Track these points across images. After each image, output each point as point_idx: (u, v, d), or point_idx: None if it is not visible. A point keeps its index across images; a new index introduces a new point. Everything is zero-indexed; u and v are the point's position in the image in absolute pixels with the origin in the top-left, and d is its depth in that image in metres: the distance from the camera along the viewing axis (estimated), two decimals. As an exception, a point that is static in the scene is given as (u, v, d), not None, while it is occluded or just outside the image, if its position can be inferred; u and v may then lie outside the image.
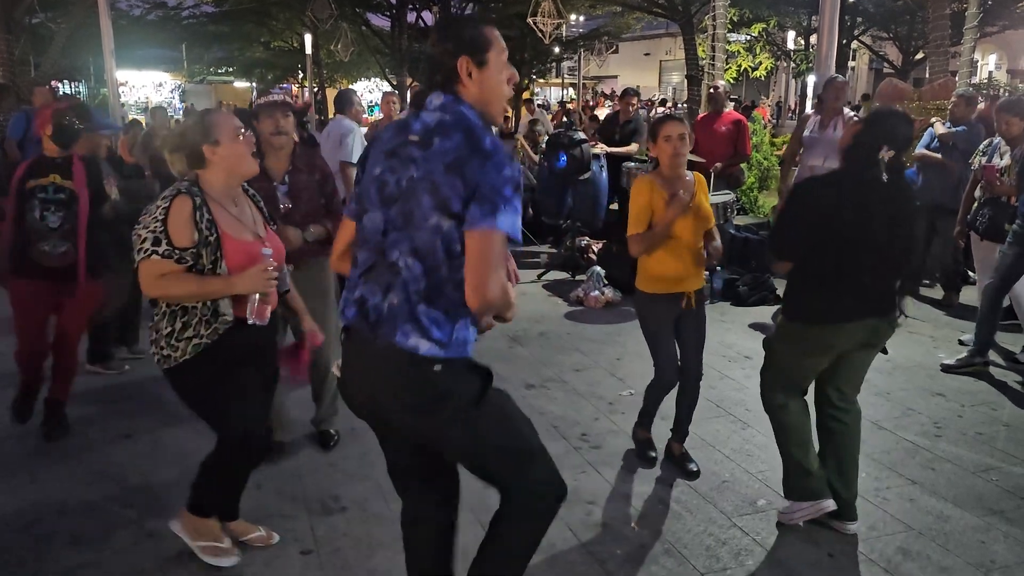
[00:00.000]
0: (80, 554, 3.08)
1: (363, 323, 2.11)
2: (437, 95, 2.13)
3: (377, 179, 2.13)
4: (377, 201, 2.12)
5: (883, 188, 3.02)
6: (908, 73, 22.32)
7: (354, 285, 2.17)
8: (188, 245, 2.65)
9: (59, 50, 13.70)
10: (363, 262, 2.15)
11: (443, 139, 2.04)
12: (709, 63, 11.21)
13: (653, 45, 37.99)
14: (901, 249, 3.08)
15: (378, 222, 2.11)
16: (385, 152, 2.13)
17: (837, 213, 2.99)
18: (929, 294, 7.27)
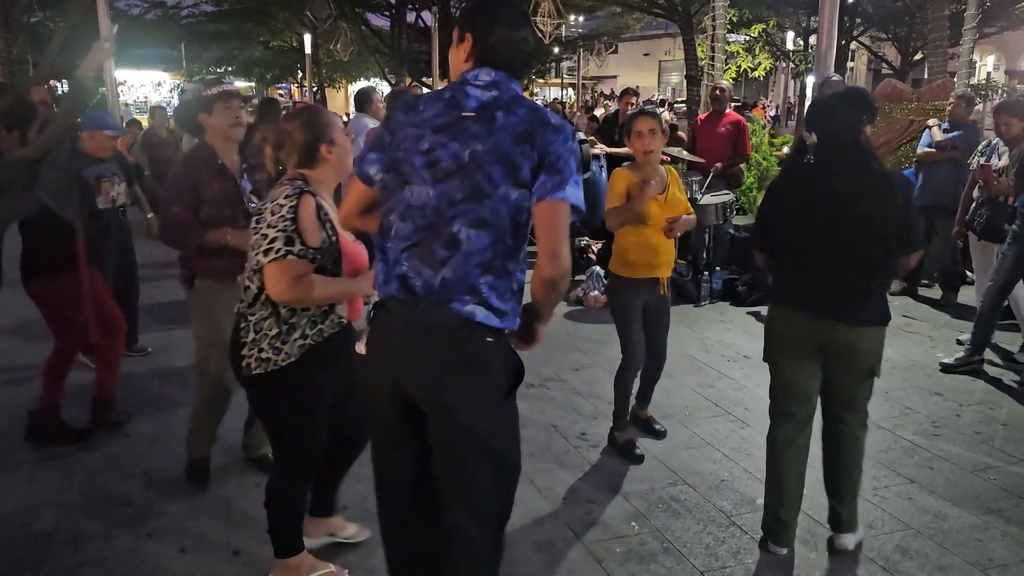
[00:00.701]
0: (80, 553, 3.09)
1: (409, 296, 2.06)
2: (487, 71, 2.10)
3: (426, 153, 2.06)
4: (429, 176, 2.06)
5: (822, 176, 2.90)
6: (907, 74, 22.33)
7: (394, 259, 2.09)
8: (319, 245, 2.56)
9: (57, 49, 13.71)
10: (406, 235, 2.08)
11: (507, 113, 2.04)
12: (708, 63, 11.22)
13: (652, 45, 38.00)
14: (854, 238, 2.85)
15: (430, 196, 2.05)
16: (434, 127, 2.07)
17: (780, 204, 3.06)
18: (927, 294, 7.28)
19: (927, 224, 7.01)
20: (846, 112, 2.88)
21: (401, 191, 2.10)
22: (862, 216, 2.84)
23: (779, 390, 3.17)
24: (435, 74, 17.99)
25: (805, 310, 2.99)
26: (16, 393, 4.68)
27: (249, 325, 2.63)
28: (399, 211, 2.10)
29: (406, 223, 2.08)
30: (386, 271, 2.11)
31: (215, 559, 3.06)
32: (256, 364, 2.61)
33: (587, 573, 3.01)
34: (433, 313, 2.03)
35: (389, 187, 2.14)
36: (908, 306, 6.95)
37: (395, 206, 2.12)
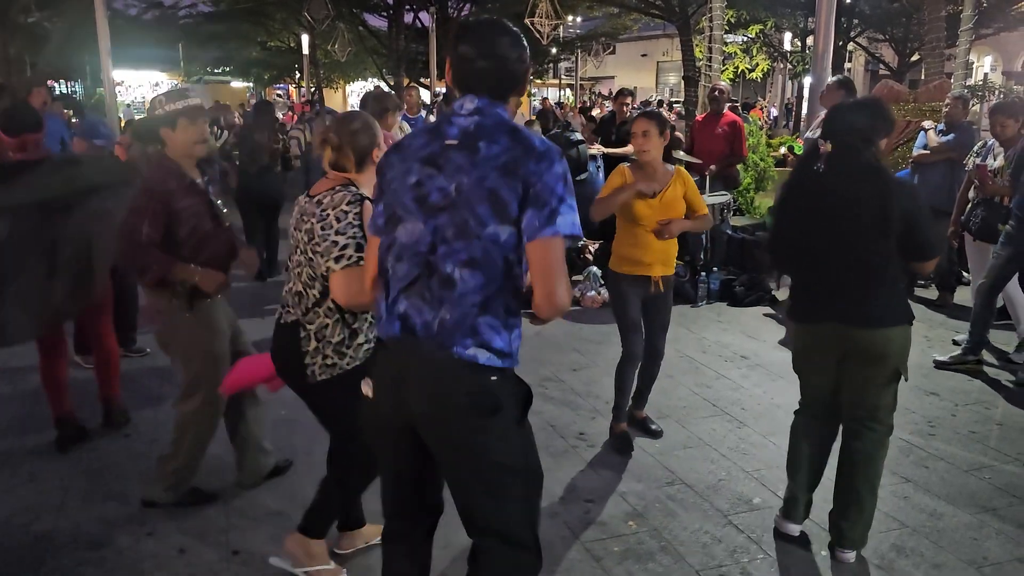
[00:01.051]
0: (79, 553, 3.10)
1: (409, 336, 2.03)
2: (471, 99, 2.07)
3: (414, 187, 2.05)
4: (417, 211, 2.03)
5: (831, 182, 2.90)
6: (904, 75, 22.39)
7: (393, 299, 2.06)
8: None
9: (55, 49, 13.75)
10: (403, 275, 2.04)
11: (489, 142, 2.00)
12: (706, 64, 11.25)
13: (650, 46, 38.06)
14: (865, 249, 2.86)
15: (421, 233, 2.02)
16: (421, 159, 2.06)
17: (789, 213, 3.09)
18: (924, 294, 7.31)
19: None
20: (859, 120, 2.91)
21: (395, 230, 2.07)
22: (865, 219, 2.84)
23: (803, 391, 3.26)
24: (433, 75, 18.02)
25: (826, 319, 3.00)
26: (15, 392, 4.69)
27: (309, 333, 2.68)
28: (395, 251, 2.07)
29: (402, 262, 2.05)
30: (387, 310, 2.08)
31: (214, 559, 3.07)
32: (321, 371, 2.68)
33: (585, 572, 3.02)
34: (436, 357, 1.99)
35: (385, 228, 2.12)
36: (904, 306, 6.97)
37: (388, 247, 2.09)
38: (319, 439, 4.02)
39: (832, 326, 2.99)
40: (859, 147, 2.89)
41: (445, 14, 21.22)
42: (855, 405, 3.09)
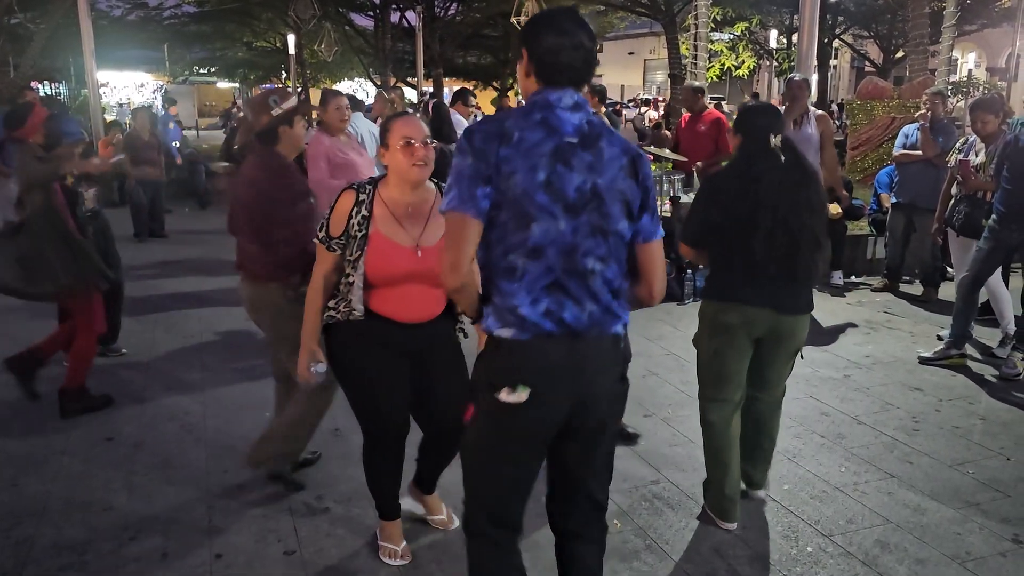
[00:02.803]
0: (61, 557, 3.07)
1: (562, 330, 2.07)
2: (569, 94, 2.10)
3: (544, 186, 2.02)
4: (554, 209, 2.03)
5: (781, 171, 3.13)
6: (889, 71, 22.51)
7: (532, 299, 2.05)
8: (337, 235, 2.76)
9: (38, 50, 13.63)
10: (539, 273, 2.04)
11: (608, 143, 2.11)
12: (692, 62, 11.27)
13: (637, 44, 38.12)
14: (801, 221, 3.11)
15: (561, 232, 2.04)
16: (548, 155, 2.03)
17: (731, 202, 3.16)
18: (908, 290, 7.35)
19: (906, 221, 7.08)
20: (774, 119, 3.28)
21: (526, 230, 2.03)
22: (807, 198, 3.15)
23: (718, 379, 3.32)
24: (419, 74, 17.99)
25: (763, 305, 3.18)
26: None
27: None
28: (524, 250, 2.03)
29: (538, 261, 2.04)
30: (523, 312, 2.05)
31: (197, 562, 3.05)
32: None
33: (570, 571, 3.01)
34: (595, 343, 2.12)
35: (501, 225, 2.04)
36: (889, 302, 7.01)
37: (516, 245, 2.04)
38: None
39: (762, 311, 3.18)
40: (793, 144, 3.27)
41: (432, 13, 21.20)
42: (766, 380, 3.39)
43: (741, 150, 3.28)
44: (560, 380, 2.10)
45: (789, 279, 3.16)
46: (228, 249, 3.74)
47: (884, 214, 7.79)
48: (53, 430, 4.20)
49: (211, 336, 5.78)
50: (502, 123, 2.06)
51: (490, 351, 2.12)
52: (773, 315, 3.18)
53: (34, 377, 4.55)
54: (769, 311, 3.18)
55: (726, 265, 3.26)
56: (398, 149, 2.72)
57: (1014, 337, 5.28)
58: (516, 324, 2.06)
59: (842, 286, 7.48)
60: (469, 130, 2.09)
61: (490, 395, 2.09)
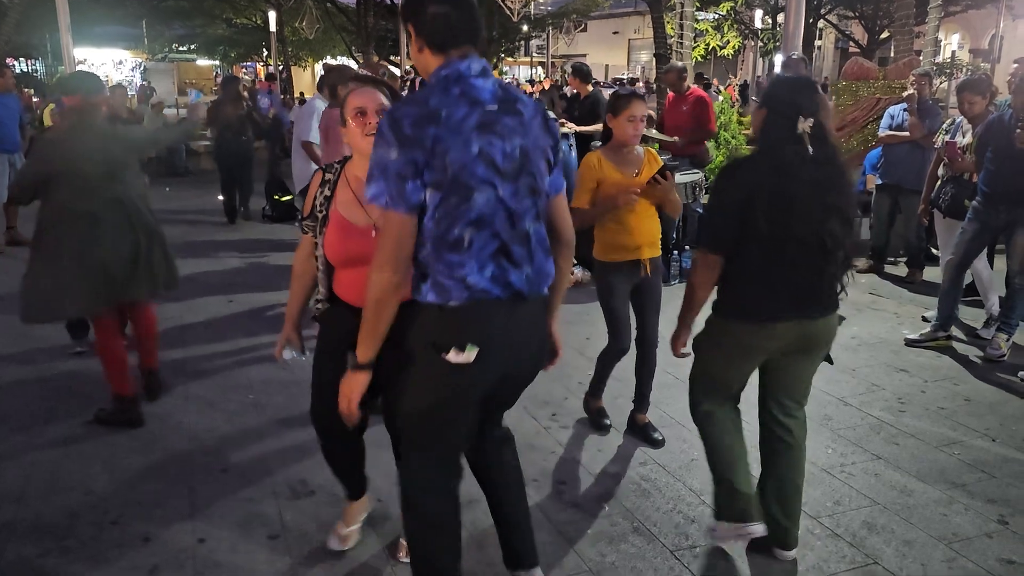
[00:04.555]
0: (41, 542, 3.02)
1: (508, 293, 2.15)
2: (476, 60, 2.13)
3: (479, 157, 2.06)
4: (491, 178, 2.08)
5: (811, 166, 2.59)
6: (873, 52, 22.50)
7: (479, 266, 2.10)
8: (306, 216, 2.74)
9: (13, 26, 13.33)
10: (484, 242, 2.09)
11: (522, 104, 2.18)
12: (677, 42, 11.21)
13: (622, 23, 37.96)
14: (834, 235, 2.63)
15: (499, 198, 2.10)
16: (474, 128, 2.05)
17: (758, 200, 2.60)
18: (893, 271, 7.37)
19: (891, 203, 7.08)
20: (807, 97, 2.65)
21: (468, 202, 2.06)
22: (839, 206, 2.65)
23: (722, 388, 2.94)
24: (403, 53, 17.82)
25: (791, 318, 2.72)
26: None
27: None
28: (466, 220, 2.07)
29: (482, 231, 2.09)
30: (471, 280, 2.10)
31: (180, 546, 3.01)
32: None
33: (558, 554, 3.00)
34: (532, 303, 2.23)
35: (444, 201, 2.05)
36: (874, 283, 7.03)
37: (459, 217, 2.06)
38: (289, 425, 3.98)
39: (789, 323, 2.72)
40: (829, 133, 2.67)
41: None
42: (789, 396, 2.92)
43: (763, 134, 2.70)
44: (504, 339, 2.18)
45: (809, 296, 2.71)
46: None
47: (869, 195, 7.79)
48: (32, 414, 4.13)
49: (192, 318, 5.71)
50: (427, 103, 2.05)
51: (431, 318, 2.14)
52: (800, 325, 2.72)
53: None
54: (796, 321, 2.72)
55: (745, 275, 2.73)
56: (351, 121, 2.61)
57: (998, 318, 5.30)
58: (462, 292, 2.10)
59: (827, 267, 7.48)
60: (394, 118, 2.04)
61: (435, 356, 2.12)
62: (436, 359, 2.13)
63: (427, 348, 2.15)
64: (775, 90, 2.74)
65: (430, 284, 2.12)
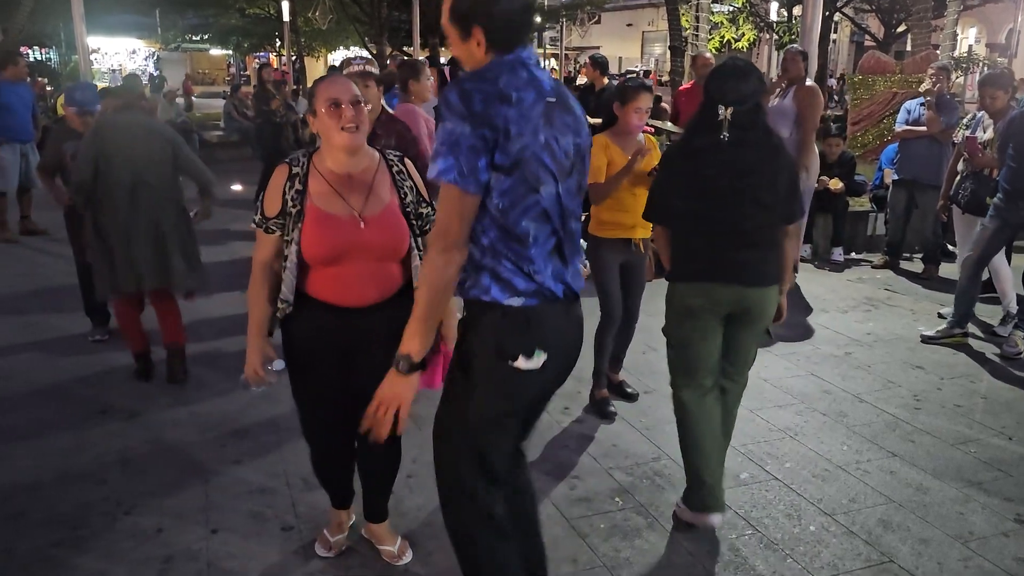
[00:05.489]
0: (54, 532, 3.03)
1: (566, 293, 2.10)
2: (530, 50, 2.05)
3: (546, 148, 1.98)
4: (557, 172, 2.01)
5: (728, 151, 2.84)
6: (890, 46, 22.28)
7: (545, 262, 2.03)
8: (273, 214, 2.50)
9: (27, 15, 13.34)
10: (545, 238, 2.03)
11: (572, 100, 2.13)
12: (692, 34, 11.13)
13: (635, 16, 37.72)
14: (747, 216, 2.88)
15: (559, 194, 2.03)
16: (543, 117, 1.97)
17: (682, 178, 2.98)
18: (909, 267, 7.31)
19: (907, 198, 7.01)
20: (751, 84, 2.88)
21: (536, 193, 1.98)
22: (758, 185, 2.88)
23: (689, 365, 3.07)
24: (416, 43, 17.77)
25: (718, 280, 2.95)
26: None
27: None
28: (533, 213, 1.99)
29: (545, 225, 2.02)
30: (540, 278, 2.02)
31: (193, 537, 3.01)
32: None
33: (571, 549, 2.99)
34: (579, 304, 2.18)
35: (511, 189, 1.95)
36: (889, 280, 6.97)
37: (527, 208, 1.98)
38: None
39: (726, 287, 2.95)
40: (757, 116, 2.90)
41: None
42: (731, 363, 3.14)
43: (690, 120, 3.06)
44: (562, 342, 2.12)
45: (735, 266, 2.93)
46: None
47: (886, 190, 7.72)
48: (44, 403, 4.15)
49: (205, 309, 5.70)
50: (496, 82, 1.93)
51: (494, 320, 2.03)
52: (739, 291, 2.95)
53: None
54: (735, 287, 2.94)
55: (684, 244, 3.05)
56: (324, 113, 2.45)
57: (1015, 316, 5.24)
58: (530, 291, 2.01)
59: (842, 263, 7.43)
60: (464, 90, 1.91)
61: (500, 363, 2.03)
62: (501, 366, 2.03)
63: (490, 354, 2.04)
64: (708, 79, 2.97)
65: (490, 279, 2.00)
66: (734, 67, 2.96)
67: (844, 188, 7.27)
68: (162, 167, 4.28)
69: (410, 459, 3.55)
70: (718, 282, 2.95)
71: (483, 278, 2.01)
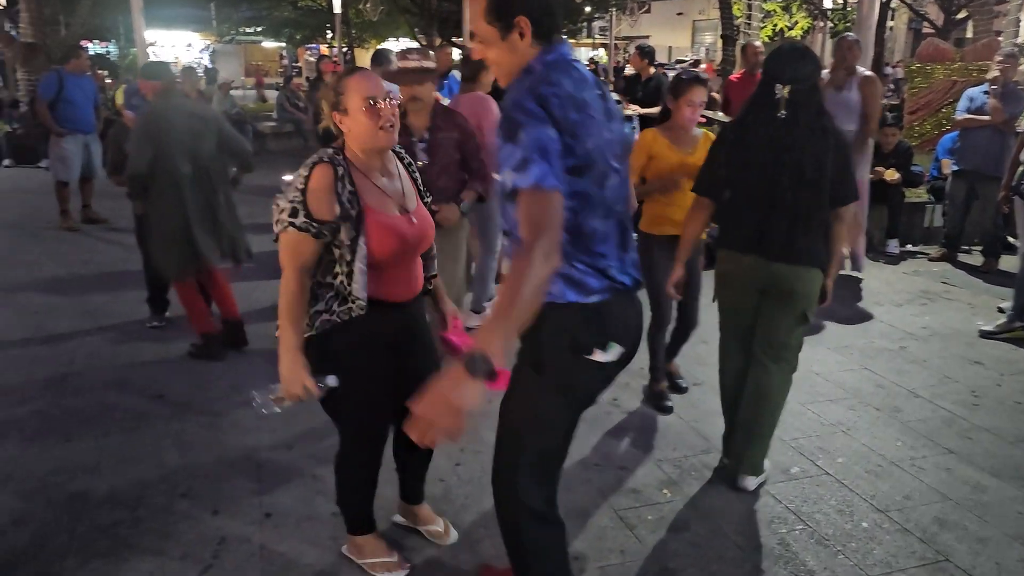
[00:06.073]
0: (114, 512, 3.12)
1: (632, 284, 2.12)
2: (567, 44, 2.08)
3: (608, 144, 2.02)
4: (616, 165, 2.05)
5: (782, 129, 2.98)
6: (950, 33, 21.62)
7: (615, 256, 2.07)
8: (330, 218, 2.35)
9: (88, 9, 13.69)
10: (607, 233, 2.04)
11: (608, 93, 2.13)
12: (744, 22, 10.96)
13: (686, 4, 37.24)
14: (802, 196, 2.99)
15: (617, 187, 2.06)
16: (601, 112, 2.02)
17: (731, 154, 3.12)
18: (968, 260, 7.12)
19: (968, 189, 6.82)
20: (809, 65, 3.01)
21: (603, 190, 2.01)
22: (801, 161, 2.97)
23: (724, 321, 3.38)
24: (465, 34, 17.80)
25: (747, 251, 3.11)
26: (52, 355, 4.73)
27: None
28: (601, 209, 2.01)
29: (610, 220, 2.05)
30: (612, 272, 2.05)
31: (247, 520, 3.08)
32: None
33: (618, 540, 2.98)
34: (638, 291, 2.16)
35: (582, 191, 1.96)
36: (947, 272, 6.80)
37: (596, 206, 2.00)
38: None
39: (754, 259, 3.10)
40: (815, 96, 3.01)
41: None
42: (767, 342, 3.22)
43: (749, 98, 3.16)
44: (631, 331, 2.15)
45: (769, 239, 3.06)
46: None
47: (943, 181, 7.52)
48: (104, 387, 4.27)
49: (259, 296, 5.81)
50: (561, 85, 1.94)
51: (568, 317, 2.02)
52: (764, 263, 3.08)
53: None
54: (759, 258, 3.09)
55: (726, 214, 3.24)
56: (362, 112, 2.37)
57: (1080, 310, 5.08)
58: (603, 288, 2.03)
59: (898, 255, 7.27)
60: (541, 96, 1.90)
61: (574, 358, 2.04)
62: (576, 362, 2.04)
63: (563, 349, 2.03)
64: (766, 60, 3.13)
65: (564, 284, 1.99)
66: (792, 48, 3.11)
67: (900, 179, 7.10)
68: (211, 147, 4.55)
69: (458, 448, 3.58)
70: (748, 253, 3.12)
71: (556, 284, 1.98)
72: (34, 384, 4.28)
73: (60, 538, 2.95)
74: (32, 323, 5.21)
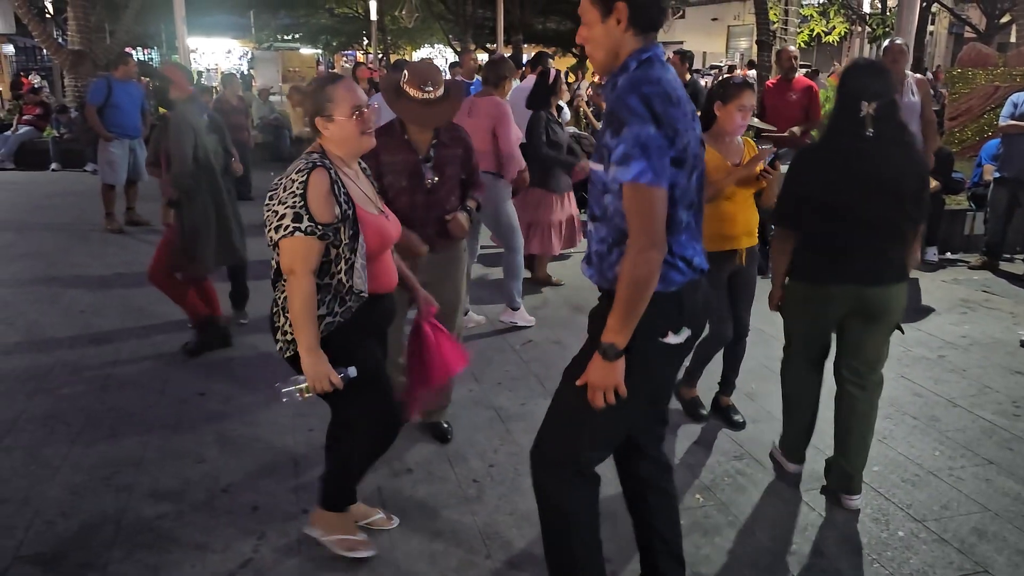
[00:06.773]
0: (158, 506, 3.20)
1: (703, 271, 2.24)
2: (660, 44, 2.19)
3: (696, 139, 2.14)
4: (695, 162, 2.14)
5: (871, 147, 2.93)
6: (992, 38, 21.31)
7: (696, 243, 2.21)
8: (330, 220, 2.47)
9: (133, 17, 13.99)
10: (692, 221, 2.18)
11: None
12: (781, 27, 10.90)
13: (721, 10, 37.01)
14: (892, 213, 2.99)
15: (695, 181, 2.16)
16: (689, 113, 2.11)
17: (819, 178, 3.03)
18: (1009, 269, 7.01)
19: (1010, 197, 6.72)
20: (888, 80, 2.99)
21: (689, 183, 2.11)
22: (897, 180, 2.96)
23: (801, 343, 3.35)
24: (499, 40, 17.88)
25: (844, 281, 3.05)
26: (99, 354, 4.85)
27: (279, 309, 2.59)
28: (687, 201, 2.13)
29: (691, 211, 2.16)
30: (696, 260, 2.19)
31: (285, 516, 3.14)
32: (285, 348, 2.59)
33: (651, 543, 2.99)
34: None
35: (676, 183, 2.07)
36: (988, 281, 6.70)
37: (684, 197, 2.11)
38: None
39: (843, 288, 3.06)
40: (895, 111, 2.98)
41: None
42: (859, 360, 3.19)
43: (830, 117, 3.11)
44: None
45: (862, 265, 3.03)
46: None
47: (985, 188, 7.42)
48: (149, 383, 4.37)
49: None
50: (660, 83, 2.04)
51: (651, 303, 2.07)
52: (855, 290, 3.05)
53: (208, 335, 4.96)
54: (853, 287, 3.05)
55: (810, 244, 3.13)
56: (351, 120, 2.54)
57: None
58: (686, 273, 2.15)
59: (937, 263, 7.18)
60: (643, 94, 2.00)
61: (649, 342, 2.12)
62: (650, 345, 2.13)
63: (640, 333, 2.09)
64: (844, 76, 3.05)
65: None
66: (869, 64, 3.09)
67: (940, 186, 7.02)
68: (222, 148, 4.88)
69: (492, 449, 3.62)
70: (836, 283, 3.07)
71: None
72: (81, 382, 4.40)
73: (106, 530, 3.04)
74: (79, 322, 5.35)
